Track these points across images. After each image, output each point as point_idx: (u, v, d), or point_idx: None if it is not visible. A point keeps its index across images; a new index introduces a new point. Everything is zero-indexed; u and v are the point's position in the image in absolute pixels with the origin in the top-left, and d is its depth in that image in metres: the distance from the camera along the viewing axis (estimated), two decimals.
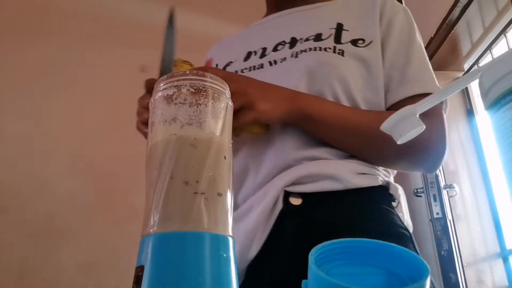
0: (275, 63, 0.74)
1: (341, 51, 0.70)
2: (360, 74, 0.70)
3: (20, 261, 1.68)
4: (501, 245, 2.01)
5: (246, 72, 0.75)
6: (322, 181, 0.63)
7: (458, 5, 1.94)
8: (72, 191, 1.77)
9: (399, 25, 0.74)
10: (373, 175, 0.67)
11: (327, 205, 0.62)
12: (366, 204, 0.64)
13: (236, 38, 0.88)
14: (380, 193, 0.66)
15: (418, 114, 0.38)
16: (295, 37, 0.76)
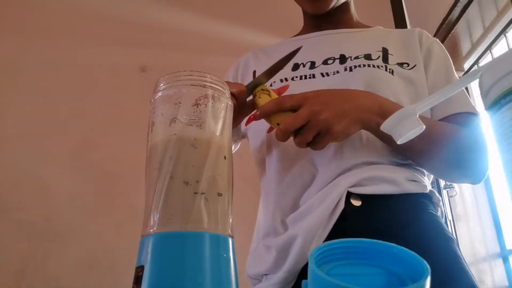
0: (328, 75, 0.76)
1: (391, 70, 0.76)
2: (408, 93, 0.75)
3: (20, 261, 1.68)
4: (501, 245, 2.01)
5: (296, 80, 0.77)
6: (381, 184, 0.66)
7: (458, 5, 1.94)
8: (72, 191, 1.77)
9: (437, 52, 0.82)
10: (423, 184, 0.71)
11: (384, 207, 0.66)
12: (418, 208, 0.68)
13: (275, 50, 0.89)
14: (427, 200, 0.71)
15: (418, 114, 0.38)
16: (344, 54, 0.79)
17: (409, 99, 0.75)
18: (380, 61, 0.78)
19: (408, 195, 0.68)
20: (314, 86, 0.71)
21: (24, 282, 1.66)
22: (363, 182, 0.66)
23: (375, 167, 0.68)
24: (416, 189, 0.69)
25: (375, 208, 0.65)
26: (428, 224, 0.67)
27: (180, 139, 0.35)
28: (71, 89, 1.94)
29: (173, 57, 1.91)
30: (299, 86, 0.75)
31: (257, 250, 0.76)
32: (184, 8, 2.02)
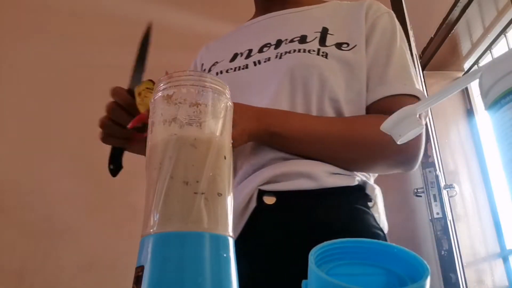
0: (259, 63, 0.74)
1: (325, 53, 0.71)
2: (343, 76, 0.71)
3: (20, 261, 1.68)
4: (501, 245, 2.01)
5: (231, 72, 0.75)
6: (297, 179, 0.62)
7: (458, 5, 1.94)
8: (72, 191, 1.77)
9: (382, 27, 0.76)
10: (349, 175, 0.67)
11: (301, 204, 0.62)
12: (341, 204, 0.64)
13: (224, 40, 0.89)
14: (355, 193, 0.66)
15: (418, 114, 0.38)
16: (281, 38, 0.76)
17: (345, 84, 0.71)
18: (316, 43, 0.73)
19: (330, 189, 0.63)
20: (247, 77, 0.69)
21: (24, 282, 1.66)
22: (277, 178, 0.62)
23: (292, 162, 0.64)
24: (339, 182, 0.64)
25: (290, 206, 0.62)
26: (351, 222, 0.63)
27: (180, 139, 0.35)
28: (71, 89, 1.94)
29: (173, 57, 1.91)
30: (234, 78, 0.73)
31: None
32: (184, 9, 2.02)
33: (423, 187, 1.87)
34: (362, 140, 0.66)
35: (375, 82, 0.72)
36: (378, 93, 0.71)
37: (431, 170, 1.84)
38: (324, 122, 0.67)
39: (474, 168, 2.16)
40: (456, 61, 2.28)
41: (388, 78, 0.71)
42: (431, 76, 2.29)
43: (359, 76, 0.71)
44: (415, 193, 1.94)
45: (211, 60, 0.83)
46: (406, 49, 0.78)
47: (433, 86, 2.22)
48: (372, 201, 0.68)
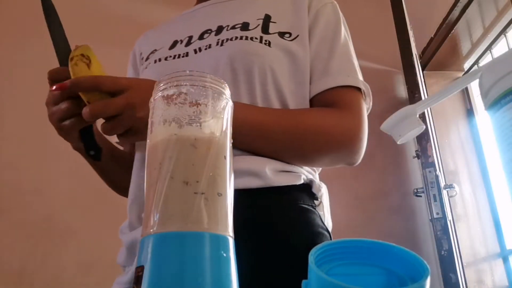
0: (200, 50, 0.71)
1: (268, 41, 0.69)
2: (286, 66, 0.69)
3: (20, 261, 1.68)
4: (501, 245, 2.01)
5: (170, 60, 0.72)
6: (243, 177, 0.60)
7: (458, 5, 1.94)
8: (72, 191, 1.77)
9: (326, 17, 0.75)
10: (295, 173, 0.66)
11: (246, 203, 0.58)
12: (286, 203, 0.63)
13: (163, 28, 0.86)
14: (301, 192, 0.65)
15: (418, 113, 0.38)
16: (222, 25, 0.74)
17: (288, 74, 0.69)
18: (258, 31, 0.71)
19: (276, 188, 0.61)
20: (187, 65, 0.68)
21: (24, 282, 1.66)
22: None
23: (239, 159, 0.61)
24: (286, 181, 0.63)
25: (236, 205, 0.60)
26: (296, 221, 0.62)
27: (180, 139, 0.35)
28: None
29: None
30: (172, 66, 0.71)
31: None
32: (184, 9, 2.02)
33: (423, 187, 1.87)
34: (307, 133, 0.65)
35: (318, 74, 0.71)
36: (322, 85, 0.70)
37: (431, 170, 1.84)
38: (269, 114, 0.65)
39: (474, 168, 2.16)
40: (456, 61, 2.28)
41: (331, 70, 0.71)
42: (431, 76, 2.29)
43: (302, 68, 0.70)
44: (415, 193, 1.94)
45: (150, 48, 0.80)
46: (350, 40, 0.77)
47: (433, 86, 2.22)
48: (318, 200, 0.68)
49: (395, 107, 1.09)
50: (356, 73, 0.73)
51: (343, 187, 2.04)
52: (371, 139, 2.23)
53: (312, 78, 0.71)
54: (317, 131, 0.65)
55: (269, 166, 0.62)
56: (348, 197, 2.03)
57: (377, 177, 2.07)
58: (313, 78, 0.71)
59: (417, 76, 2.00)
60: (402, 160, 2.13)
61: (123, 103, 0.54)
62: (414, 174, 2.10)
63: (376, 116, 0.87)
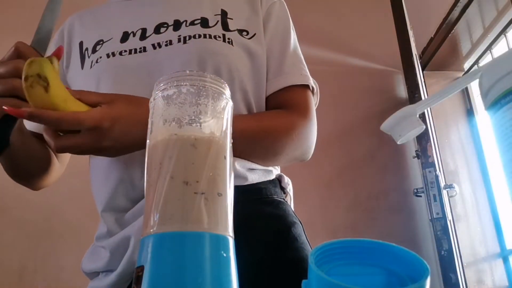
0: (160, 46, 0.68)
1: (230, 40, 0.69)
2: (248, 66, 0.70)
3: (20, 261, 1.68)
4: (501, 245, 2.01)
5: (126, 55, 0.68)
6: None
7: (458, 5, 1.94)
8: (72, 191, 1.77)
9: (276, 15, 0.76)
10: (267, 170, 0.70)
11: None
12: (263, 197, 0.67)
13: (101, 14, 0.79)
14: (272, 187, 0.69)
15: (418, 114, 0.38)
16: (178, 19, 0.71)
17: (249, 73, 0.70)
18: (219, 28, 0.70)
19: (253, 185, 0.66)
20: (146, 61, 0.66)
21: (24, 281, 1.66)
22: None
23: None
24: (258, 178, 0.67)
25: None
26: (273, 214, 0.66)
27: (180, 139, 0.35)
28: None
29: None
30: (129, 62, 0.67)
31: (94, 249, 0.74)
32: None
33: (423, 187, 1.87)
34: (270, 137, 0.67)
35: (272, 73, 0.73)
36: (277, 84, 0.72)
37: (431, 170, 1.84)
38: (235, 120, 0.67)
39: (474, 168, 2.16)
40: (456, 61, 2.28)
41: (284, 69, 0.73)
42: (431, 76, 2.29)
43: (261, 67, 0.71)
44: (415, 193, 1.94)
45: (93, 37, 0.73)
46: (296, 38, 0.79)
47: (433, 86, 2.23)
48: (286, 194, 0.72)
49: (395, 107, 1.09)
50: (306, 71, 0.75)
51: (343, 187, 2.04)
52: (371, 139, 2.24)
53: (268, 77, 0.73)
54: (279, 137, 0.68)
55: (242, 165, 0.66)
56: (348, 197, 2.03)
57: (377, 177, 2.07)
58: (268, 76, 0.73)
59: (417, 76, 2.00)
60: (402, 160, 2.13)
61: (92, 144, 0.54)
62: (414, 174, 2.10)
63: (376, 116, 0.87)
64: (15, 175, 0.79)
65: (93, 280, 0.71)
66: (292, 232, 0.65)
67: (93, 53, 0.71)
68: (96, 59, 0.69)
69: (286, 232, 0.65)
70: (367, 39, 2.26)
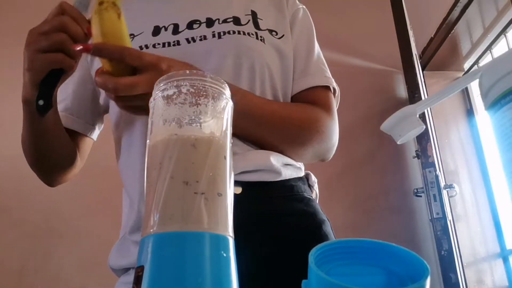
0: (194, 40, 0.69)
1: (263, 38, 0.72)
2: (278, 64, 0.73)
3: (20, 261, 1.68)
4: (501, 245, 2.02)
5: (159, 48, 0.69)
6: (263, 172, 0.65)
7: (458, 5, 1.94)
8: (72, 191, 1.77)
9: (301, 19, 0.80)
10: (296, 166, 0.71)
11: (264, 194, 0.65)
12: (294, 195, 0.68)
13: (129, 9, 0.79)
14: (303, 184, 0.71)
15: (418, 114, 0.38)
16: (211, 17, 0.72)
17: (279, 72, 0.72)
18: (251, 26, 0.72)
19: (286, 181, 0.67)
20: (180, 54, 0.65)
21: (24, 282, 1.66)
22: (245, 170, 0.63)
23: (253, 155, 0.65)
24: (292, 174, 0.69)
25: (256, 196, 0.64)
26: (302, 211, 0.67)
27: (180, 139, 0.35)
28: None
29: None
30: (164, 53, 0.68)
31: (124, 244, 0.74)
32: None
33: (423, 187, 1.87)
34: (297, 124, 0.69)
35: (299, 73, 0.76)
36: (302, 84, 0.75)
37: (431, 170, 1.84)
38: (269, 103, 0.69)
39: (474, 168, 2.16)
40: (456, 61, 2.28)
41: (310, 70, 0.76)
42: (431, 76, 2.29)
43: (289, 66, 0.74)
44: (415, 193, 1.94)
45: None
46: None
47: (433, 86, 2.23)
48: (313, 192, 0.74)
49: (395, 107, 1.09)
50: (329, 73, 0.78)
51: (343, 187, 2.04)
52: (371, 139, 2.24)
53: (294, 76, 0.76)
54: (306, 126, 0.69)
55: (280, 160, 0.67)
56: (348, 197, 2.03)
57: (377, 177, 2.07)
58: (295, 76, 0.76)
59: (417, 76, 2.00)
60: (402, 160, 2.13)
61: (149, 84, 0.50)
62: (414, 174, 2.10)
63: (376, 116, 0.88)
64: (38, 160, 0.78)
65: (124, 275, 0.73)
66: (322, 230, 0.67)
67: None
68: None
69: (318, 230, 0.66)
70: (367, 39, 2.26)
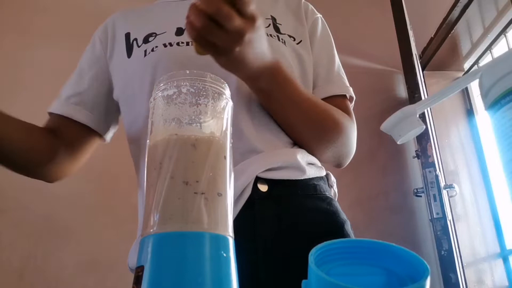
0: None
1: (284, 41, 0.73)
2: (297, 68, 0.74)
3: (20, 261, 1.68)
4: (501, 245, 2.01)
5: (183, 46, 0.71)
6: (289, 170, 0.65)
7: (458, 5, 1.94)
8: (72, 191, 1.77)
9: (321, 29, 0.82)
10: (318, 165, 0.72)
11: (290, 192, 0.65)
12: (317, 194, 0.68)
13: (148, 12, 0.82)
14: (324, 183, 0.72)
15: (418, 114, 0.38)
16: None
17: (299, 75, 0.73)
18: (272, 29, 0.74)
19: (309, 179, 0.68)
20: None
21: (24, 282, 1.66)
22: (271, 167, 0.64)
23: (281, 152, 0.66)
24: (315, 173, 0.69)
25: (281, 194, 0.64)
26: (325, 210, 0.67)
27: (180, 139, 0.35)
28: None
29: None
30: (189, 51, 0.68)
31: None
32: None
33: (423, 187, 1.87)
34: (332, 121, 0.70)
35: (322, 80, 0.77)
36: (327, 91, 0.76)
37: (431, 170, 1.84)
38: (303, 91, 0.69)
39: (474, 168, 2.16)
40: (456, 61, 2.28)
41: (333, 78, 0.78)
42: (431, 76, 2.29)
43: (307, 71, 0.75)
44: (415, 193, 1.94)
45: (143, 30, 0.76)
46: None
47: (433, 86, 2.22)
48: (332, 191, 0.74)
49: (395, 107, 1.09)
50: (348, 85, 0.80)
51: (343, 187, 2.04)
52: (371, 139, 2.24)
53: (316, 83, 0.77)
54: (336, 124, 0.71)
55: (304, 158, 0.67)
56: (348, 197, 2.03)
57: (377, 177, 2.07)
58: (317, 83, 0.77)
59: (417, 76, 2.00)
60: (402, 160, 2.13)
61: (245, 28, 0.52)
62: (414, 174, 2.10)
63: (376, 116, 0.88)
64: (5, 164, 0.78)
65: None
66: (345, 229, 0.68)
67: (145, 43, 0.73)
68: (152, 48, 0.71)
69: (340, 229, 0.67)
70: (367, 39, 2.26)
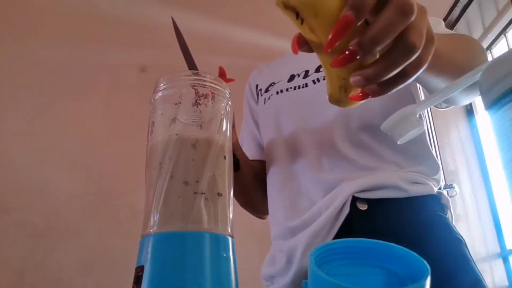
0: (318, 81, 0.79)
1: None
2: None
3: (20, 261, 1.68)
4: (501, 245, 2.01)
5: (291, 90, 0.81)
6: (386, 189, 0.67)
7: (458, 5, 1.94)
8: (72, 191, 1.77)
9: None
10: (427, 185, 0.72)
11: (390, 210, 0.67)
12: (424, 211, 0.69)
13: (276, 64, 0.96)
14: (434, 202, 0.72)
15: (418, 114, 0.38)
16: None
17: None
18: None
19: (414, 198, 0.69)
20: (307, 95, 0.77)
21: (24, 282, 1.66)
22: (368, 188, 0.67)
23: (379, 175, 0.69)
24: (421, 191, 0.70)
25: (381, 212, 0.66)
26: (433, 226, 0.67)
27: (181, 139, 0.35)
28: (71, 89, 1.94)
29: (173, 57, 1.91)
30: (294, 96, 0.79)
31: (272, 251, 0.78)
32: (184, 8, 2.02)
33: None
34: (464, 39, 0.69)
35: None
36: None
37: None
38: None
39: (474, 168, 2.16)
40: None
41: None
42: None
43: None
44: None
45: (267, 81, 0.89)
46: None
47: None
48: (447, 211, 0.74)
49: None
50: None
51: None
52: None
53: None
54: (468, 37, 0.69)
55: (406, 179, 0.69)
56: None
57: None
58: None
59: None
60: None
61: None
62: None
63: None
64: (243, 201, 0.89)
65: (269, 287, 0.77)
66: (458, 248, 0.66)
67: (265, 92, 0.87)
68: (268, 97, 0.84)
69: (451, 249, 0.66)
70: None
